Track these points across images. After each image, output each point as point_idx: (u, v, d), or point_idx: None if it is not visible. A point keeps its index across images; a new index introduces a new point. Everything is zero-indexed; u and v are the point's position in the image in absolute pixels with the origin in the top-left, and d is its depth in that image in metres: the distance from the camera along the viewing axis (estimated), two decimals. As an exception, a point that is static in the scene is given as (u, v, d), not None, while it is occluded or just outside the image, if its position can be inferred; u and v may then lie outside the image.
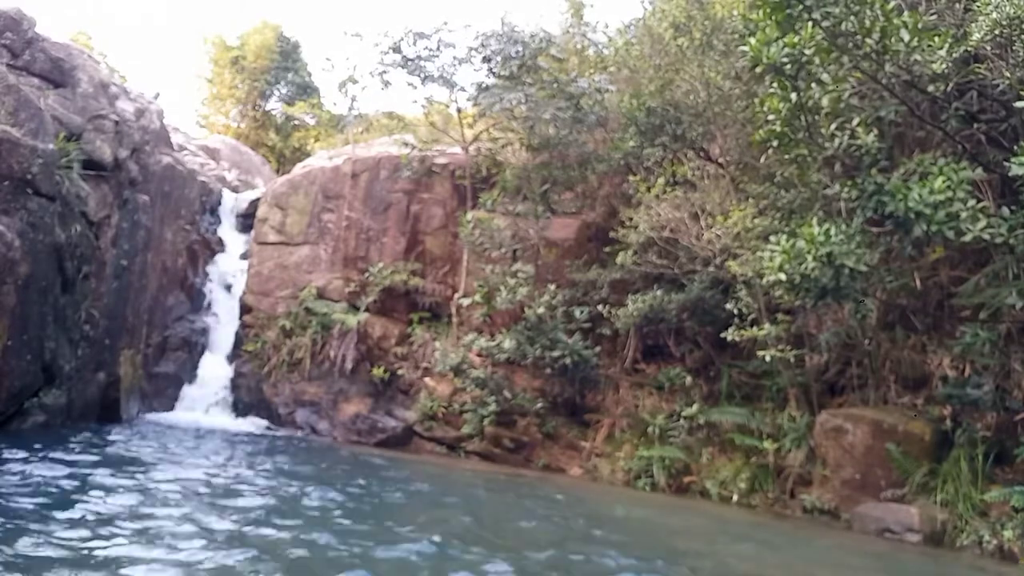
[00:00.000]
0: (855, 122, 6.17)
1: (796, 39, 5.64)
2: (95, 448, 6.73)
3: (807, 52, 5.66)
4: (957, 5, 6.37)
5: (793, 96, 5.94)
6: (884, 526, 6.52)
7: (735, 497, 7.79)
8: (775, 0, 5.68)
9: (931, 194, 5.67)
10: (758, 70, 5.92)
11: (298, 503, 5.33)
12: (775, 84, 6.04)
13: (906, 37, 5.60)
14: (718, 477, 8.01)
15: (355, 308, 10.80)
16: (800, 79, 5.87)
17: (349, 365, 10.46)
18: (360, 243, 11.21)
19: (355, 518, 4.98)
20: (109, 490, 4.95)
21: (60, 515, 4.19)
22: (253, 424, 10.45)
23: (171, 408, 10.40)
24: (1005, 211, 5.87)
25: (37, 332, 7.11)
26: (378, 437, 9.90)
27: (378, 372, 10.28)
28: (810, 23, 5.62)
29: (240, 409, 10.74)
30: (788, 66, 5.72)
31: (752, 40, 5.77)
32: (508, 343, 9.06)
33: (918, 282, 7.02)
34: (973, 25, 5.73)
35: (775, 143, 6.33)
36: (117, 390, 9.02)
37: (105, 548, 3.69)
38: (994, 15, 5.43)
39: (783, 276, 6.05)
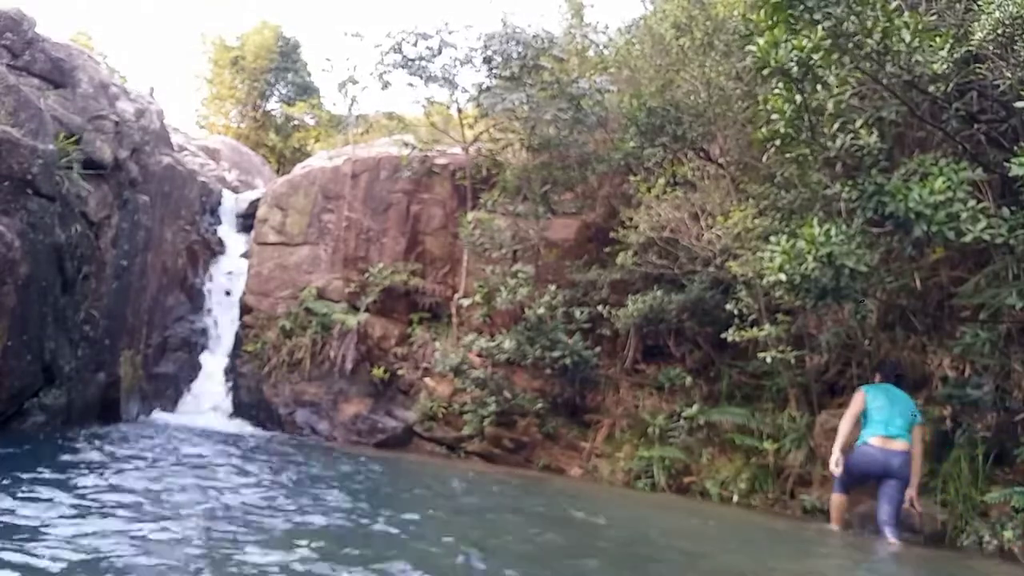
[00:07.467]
0: (858, 123, 6.17)
1: (804, 42, 5.62)
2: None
3: (815, 56, 5.65)
4: (958, 5, 6.36)
5: (798, 98, 5.93)
6: (884, 526, 6.53)
7: (735, 497, 7.80)
8: (777, 0, 5.68)
9: (931, 194, 5.67)
10: (765, 72, 5.91)
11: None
12: (780, 85, 6.03)
13: (907, 38, 5.60)
14: (718, 477, 8.01)
15: (355, 308, 10.79)
16: (806, 81, 5.86)
17: (349, 365, 10.45)
18: (360, 243, 11.20)
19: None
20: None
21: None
22: (253, 425, 10.45)
23: (171, 408, 10.40)
24: (1005, 211, 5.86)
25: (37, 332, 7.10)
26: (378, 438, 9.90)
27: (378, 372, 10.28)
28: (819, 27, 5.61)
29: (240, 410, 10.74)
30: (795, 68, 5.71)
31: (760, 40, 5.76)
32: (508, 343, 9.06)
33: (918, 282, 7.01)
34: (975, 24, 5.73)
35: (777, 142, 6.33)
36: (117, 390, 9.00)
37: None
38: (997, 14, 5.43)
39: (783, 276, 6.04)
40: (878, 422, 6.21)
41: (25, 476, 4.92)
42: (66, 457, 6.06)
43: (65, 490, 4.66)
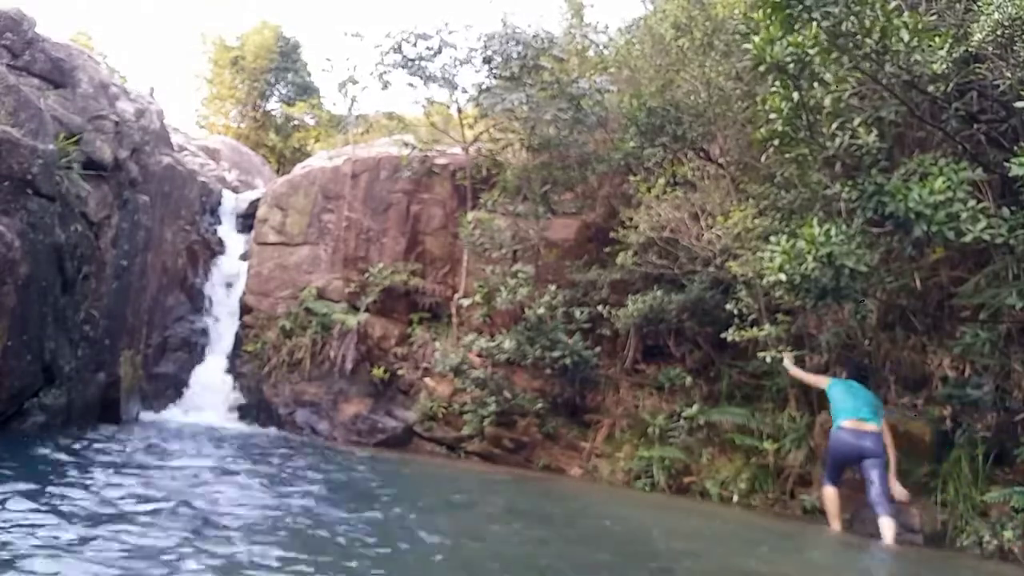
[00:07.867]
0: (856, 122, 6.17)
1: (800, 39, 5.63)
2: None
3: (811, 52, 5.65)
4: (957, 5, 6.36)
5: (795, 95, 5.93)
6: (884, 526, 6.54)
7: (735, 498, 7.79)
8: (775, 0, 5.69)
9: (931, 194, 5.67)
10: (761, 69, 5.91)
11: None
12: (777, 83, 6.03)
13: (906, 37, 5.60)
14: (718, 477, 8.01)
15: (355, 308, 10.79)
16: (803, 79, 5.86)
17: (349, 365, 10.45)
18: (360, 243, 11.20)
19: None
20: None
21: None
22: (253, 425, 10.45)
23: (171, 408, 10.41)
24: (1005, 211, 5.86)
25: (37, 332, 7.10)
26: (378, 438, 9.90)
27: (378, 372, 10.28)
28: (814, 23, 5.61)
29: (240, 410, 10.74)
30: (791, 65, 5.71)
31: (756, 39, 5.76)
32: (508, 343, 9.05)
33: (918, 282, 7.01)
34: (975, 25, 5.72)
35: (776, 142, 6.33)
36: (117, 390, 8.99)
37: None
38: (996, 15, 5.42)
39: (783, 276, 6.04)
40: (847, 409, 6.61)
41: (20, 476, 4.92)
42: (63, 458, 6.06)
43: (59, 491, 4.66)
